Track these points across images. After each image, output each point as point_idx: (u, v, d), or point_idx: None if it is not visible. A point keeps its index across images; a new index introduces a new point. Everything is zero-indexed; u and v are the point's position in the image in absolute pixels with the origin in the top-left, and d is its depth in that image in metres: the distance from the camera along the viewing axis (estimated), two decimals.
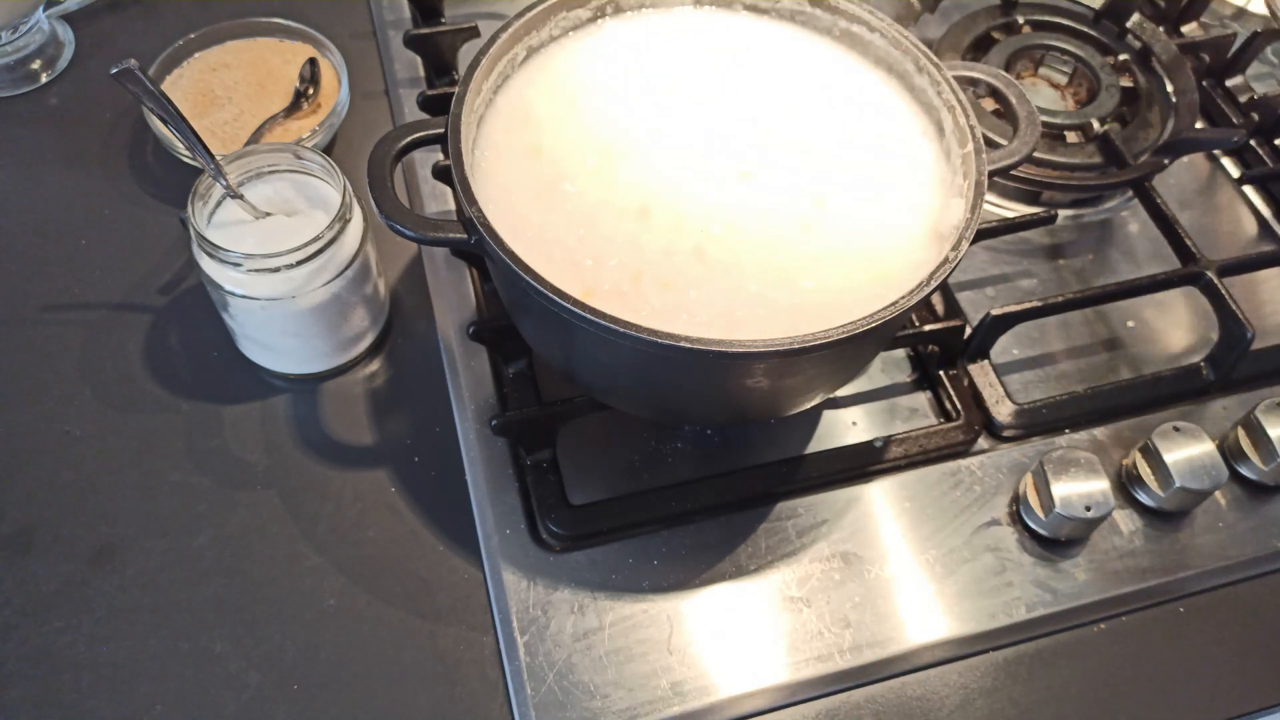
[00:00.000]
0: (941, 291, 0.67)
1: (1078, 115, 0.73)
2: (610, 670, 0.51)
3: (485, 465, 0.57)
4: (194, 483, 0.57)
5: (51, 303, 0.64)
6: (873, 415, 0.62)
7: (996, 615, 0.54)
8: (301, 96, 0.71)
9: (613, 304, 0.44)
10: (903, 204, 0.52)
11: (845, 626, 0.53)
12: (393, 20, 0.79)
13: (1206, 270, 0.63)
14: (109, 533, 0.56)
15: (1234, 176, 0.77)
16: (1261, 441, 0.58)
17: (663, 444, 0.60)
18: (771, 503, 0.57)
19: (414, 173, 0.70)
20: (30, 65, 0.75)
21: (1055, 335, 0.66)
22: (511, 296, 0.51)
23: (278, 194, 0.59)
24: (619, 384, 0.54)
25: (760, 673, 0.52)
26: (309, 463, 0.59)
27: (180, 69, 0.71)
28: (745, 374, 0.47)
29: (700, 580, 0.55)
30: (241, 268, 0.54)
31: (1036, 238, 0.71)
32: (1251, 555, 0.57)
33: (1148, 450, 0.57)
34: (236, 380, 0.61)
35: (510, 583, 0.54)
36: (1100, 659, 0.54)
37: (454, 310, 0.63)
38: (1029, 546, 0.57)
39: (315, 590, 0.54)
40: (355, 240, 0.57)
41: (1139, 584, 0.56)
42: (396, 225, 0.48)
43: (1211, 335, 0.64)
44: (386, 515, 0.57)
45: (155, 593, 0.54)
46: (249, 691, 0.51)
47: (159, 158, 0.71)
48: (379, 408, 0.61)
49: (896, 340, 0.62)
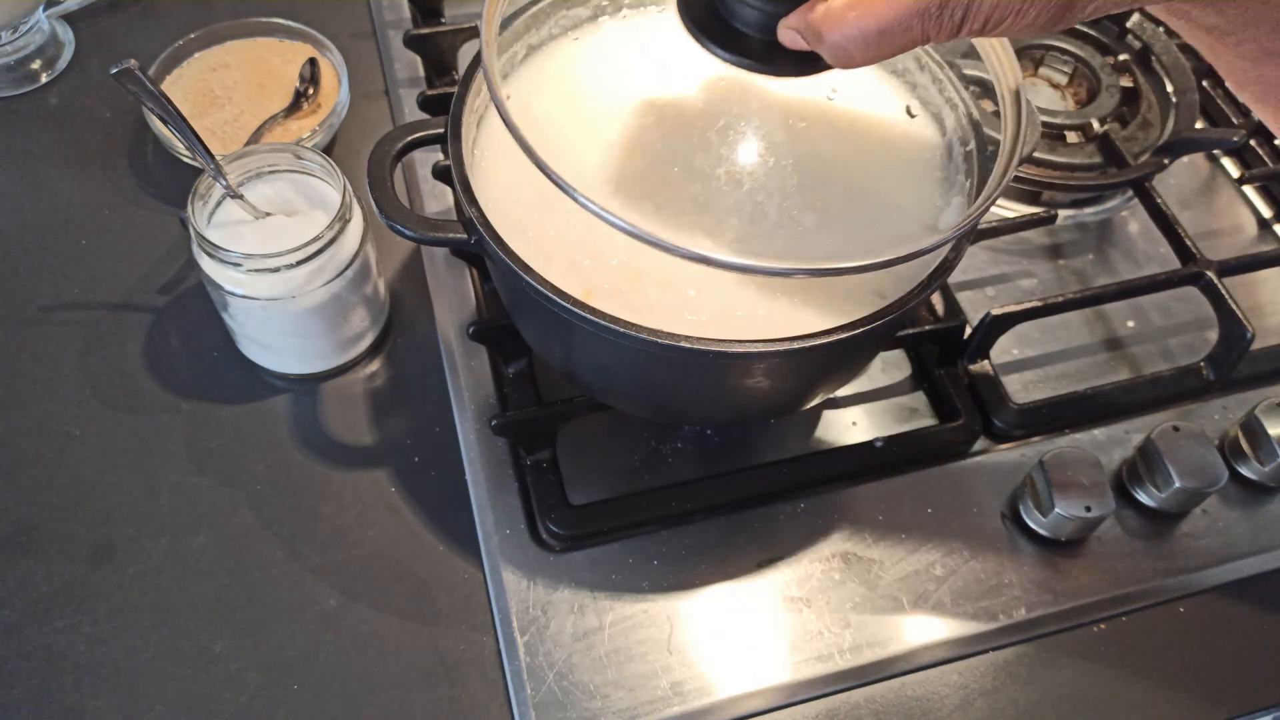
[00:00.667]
0: (941, 291, 0.67)
1: (1078, 115, 0.73)
2: (610, 670, 0.51)
3: (485, 465, 0.57)
4: (194, 483, 0.57)
5: (51, 303, 0.64)
6: (873, 415, 0.62)
7: (996, 615, 0.54)
8: (301, 96, 0.71)
9: (612, 303, 0.44)
10: (903, 203, 0.52)
11: (845, 626, 0.53)
12: (393, 20, 0.79)
13: (1206, 270, 0.63)
14: (109, 533, 0.56)
15: (1234, 176, 0.77)
16: (1261, 441, 0.58)
17: (663, 444, 0.60)
18: (771, 503, 0.57)
19: (414, 173, 0.70)
20: (30, 65, 0.75)
21: (1055, 335, 0.66)
22: (511, 296, 0.51)
23: (278, 194, 0.59)
24: (619, 384, 0.54)
25: (760, 673, 0.52)
26: (309, 463, 0.59)
27: (180, 69, 0.71)
28: (745, 374, 0.47)
29: (700, 580, 0.55)
30: (241, 268, 0.54)
31: (1036, 238, 0.71)
32: (1251, 555, 0.57)
33: (1148, 450, 0.57)
34: (236, 380, 0.61)
35: (510, 583, 0.54)
36: (1100, 659, 0.54)
37: (454, 310, 0.63)
38: (1029, 546, 0.57)
39: (315, 590, 0.54)
40: (355, 240, 0.57)
41: (1139, 584, 0.56)
42: (396, 225, 0.48)
43: (1211, 335, 0.64)
44: (386, 515, 0.57)
45: (155, 593, 0.54)
46: (249, 691, 0.51)
47: (159, 158, 0.71)
48: (379, 408, 0.61)
49: (896, 340, 0.62)
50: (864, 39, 0.37)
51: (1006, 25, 0.36)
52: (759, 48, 0.42)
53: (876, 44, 0.37)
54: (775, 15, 0.41)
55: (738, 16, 0.42)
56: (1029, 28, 0.36)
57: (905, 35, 0.37)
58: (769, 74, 0.43)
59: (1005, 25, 0.36)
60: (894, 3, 0.36)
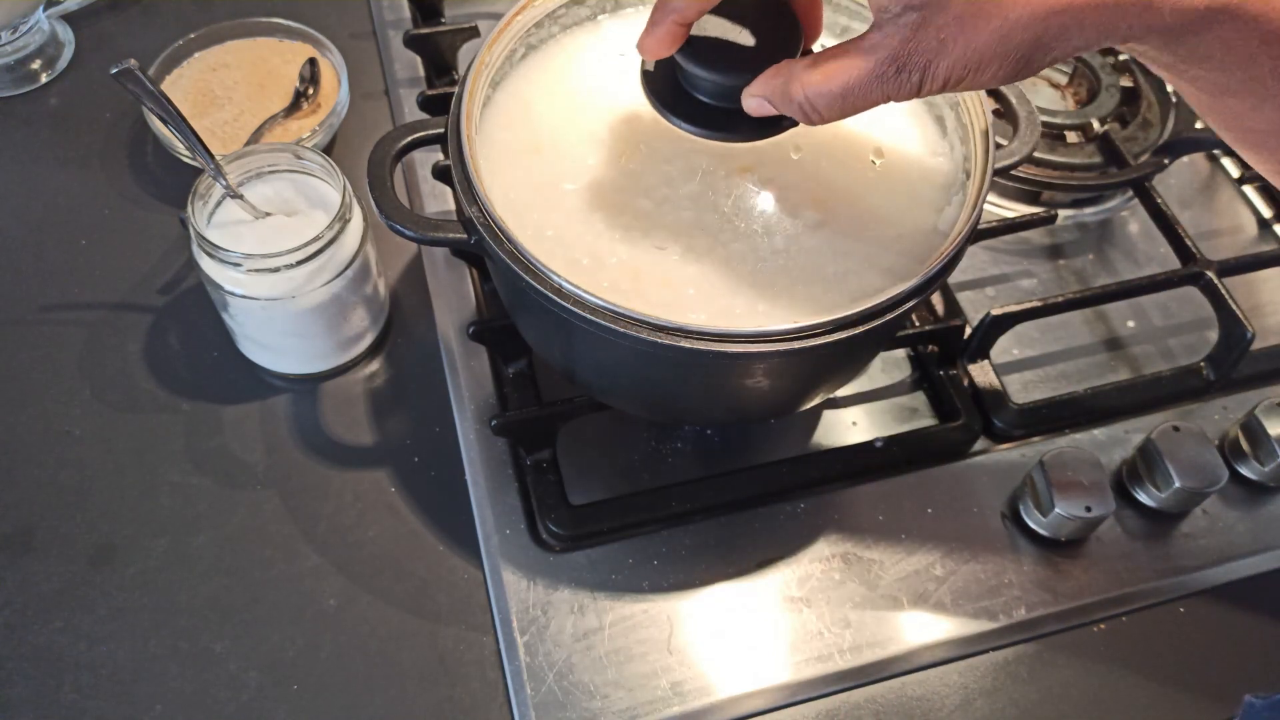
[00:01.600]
0: (941, 291, 0.67)
1: (1078, 115, 0.73)
2: (610, 670, 0.51)
3: (485, 465, 0.57)
4: (194, 483, 0.57)
5: (51, 303, 0.64)
6: (873, 415, 0.62)
7: (996, 615, 0.54)
8: (301, 96, 0.71)
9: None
10: (903, 202, 0.52)
11: (845, 626, 0.53)
12: (393, 20, 0.79)
13: (1206, 270, 0.63)
14: (109, 533, 0.56)
15: (1234, 176, 0.77)
16: (1261, 441, 0.58)
17: (663, 444, 0.60)
18: (771, 503, 0.57)
19: (414, 173, 0.70)
20: (30, 65, 0.75)
21: (1055, 335, 0.66)
22: (511, 296, 0.51)
23: (278, 194, 0.59)
24: (619, 384, 0.54)
25: (760, 673, 0.52)
26: (309, 463, 0.59)
27: (180, 69, 0.71)
28: (745, 374, 0.47)
29: (700, 580, 0.55)
30: (241, 268, 0.54)
31: (1036, 238, 0.71)
32: (1251, 555, 0.57)
33: (1148, 450, 0.57)
34: (236, 380, 0.61)
35: (510, 583, 0.54)
36: (1100, 659, 0.54)
37: (454, 310, 0.63)
38: (1029, 546, 0.57)
39: (315, 590, 0.54)
40: (355, 240, 0.57)
41: (1139, 584, 0.56)
42: (396, 225, 0.48)
43: (1211, 335, 0.64)
44: (386, 515, 0.57)
45: (155, 593, 0.54)
46: (249, 691, 0.51)
47: (159, 158, 0.71)
48: (379, 408, 0.61)
49: (896, 340, 0.62)
50: (828, 99, 0.40)
51: (966, 83, 0.38)
52: (721, 116, 0.45)
53: (840, 104, 0.40)
54: (736, 87, 0.44)
55: (700, 89, 0.45)
56: (988, 83, 0.38)
57: (866, 98, 0.39)
58: (732, 140, 0.46)
59: (965, 83, 0.38)
60: (855, 66, 0.38)
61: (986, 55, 0.36)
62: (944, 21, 0.36)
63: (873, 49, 0.38)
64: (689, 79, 0.45)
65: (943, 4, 0.36)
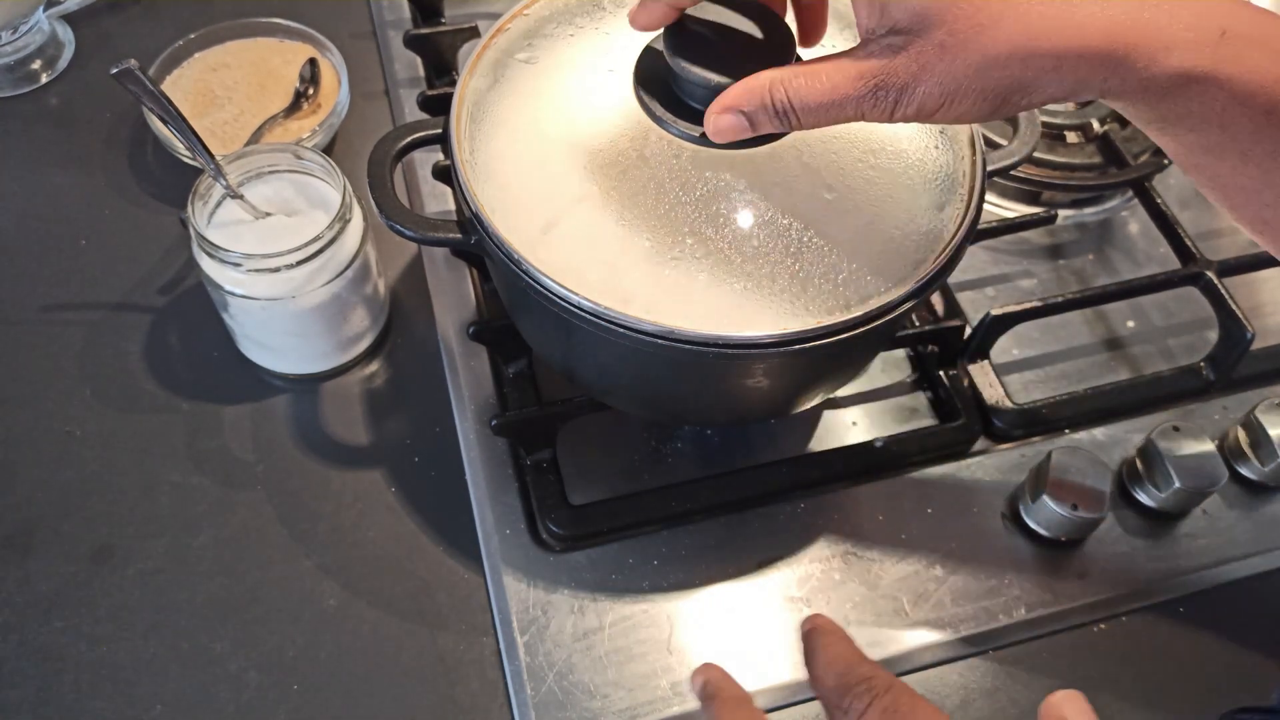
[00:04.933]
0: (941, 291, 0.67)
1: (1078, 115, 0.73)
2: (610, 670, 0.51)
3: (485, 465, 0.57)
4: (194, 483, 0.57)
5: (51, 303, 0.64)
6: (873, 415, 0.62)
7: (996, 615, 0.54)
8: (301, 96, 0.71)
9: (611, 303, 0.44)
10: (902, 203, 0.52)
11: (845, 626, 0.53)
12: (393, 20, 0.79)
13: (1206, 270, 0.63)
14: (109, 533, 0.56)
15: None
16: (1261, 441, 0.58)
17: (663, 444, 0.60)
18: (771, 503, 0.57)
19: (414, 173, 0.70)
20: (30, 65, 0.75)
21: (1055, 335, 0.66)
22: (511, 296, 0.51)
23: (278, 194, 0.59)
24: (619, 384, 0.54)
25: (760, 672, 0.52)
26: (309, 463, 0.59)
27: (180, 69, 0.71)
28: (745, 374, 0.47)
29: (700, 580, 0.55)
30: (241, 268, 0.54)
31: (1036, 238, 0.71)
32: (1251, 555, 0.57)
33: (1147, 450, 0.57)
34: (236, 380, 0.61)
35: (510, 583, 0.54)
36: (1100, 659, 0.54)
37: (454, 310, 0.63)
38: (1029, 547, 0.57)
39: (315, 590, 0.54)
40: (355, 240, 0.57)
41: (1139, 584, 0.56)
42: (396, 225, 0.48)
43: (1211, 335, 0.64)
44: (386, 515, 0.57)
45: (155, 593, 0.54)
46: (249, 691, 0.51)
47: (159, 158, 0.71)
48: (379, 408, 0.61)
49: (896, 340, 0.62)
50: (805, 108, 0.40)
51: (941, 113, 0.38)
52: None
53: (814, 114, 0.40)
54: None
55: (694, 95, 0.46)
56: (964, 117, 0.38)
57: (841, 112, 0.39)
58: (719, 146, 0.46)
59: (940, 113, 0.38)
60: (835, 80, 0.39)
61: (964, 87, 0.37)
62: (926, 48, 0.37)
63: (854, 66, 0.39)
64: (683, 85, 0.46)
65: (927, 31, 0.37)
